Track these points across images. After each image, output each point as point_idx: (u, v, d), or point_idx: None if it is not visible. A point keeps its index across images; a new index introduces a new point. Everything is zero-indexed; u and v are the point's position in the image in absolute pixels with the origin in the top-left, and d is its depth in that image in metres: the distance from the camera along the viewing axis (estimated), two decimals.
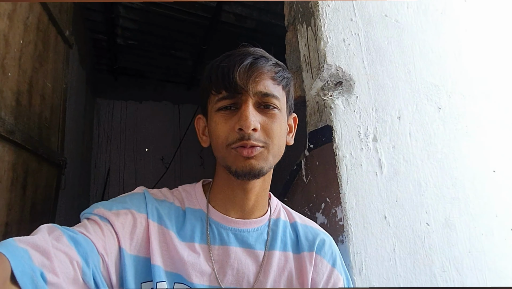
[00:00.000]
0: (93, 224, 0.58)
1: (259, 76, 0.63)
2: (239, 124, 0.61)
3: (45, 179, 1.52)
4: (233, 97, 0.63)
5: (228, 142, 0.63)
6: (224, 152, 0.64)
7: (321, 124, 1.01)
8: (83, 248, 0.51)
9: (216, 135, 0.64)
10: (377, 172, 0.98)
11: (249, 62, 0.63)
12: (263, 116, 0.64)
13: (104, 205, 0.63)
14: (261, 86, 0.63)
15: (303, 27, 1.12)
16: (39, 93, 1.48)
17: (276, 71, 0.66)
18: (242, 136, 0.61)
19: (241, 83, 0.62)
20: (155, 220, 0.64)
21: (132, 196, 0.68)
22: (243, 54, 0.65)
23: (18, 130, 1.21)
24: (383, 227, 0.94)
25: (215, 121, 0.65)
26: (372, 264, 0.88)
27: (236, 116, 0.63)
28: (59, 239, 0.50)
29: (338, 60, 1.02)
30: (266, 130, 0.63)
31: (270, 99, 0.64)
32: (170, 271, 0.63)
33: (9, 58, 1.21)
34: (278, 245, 0.70)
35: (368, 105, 1.03)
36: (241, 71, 0.62)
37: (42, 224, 0.53)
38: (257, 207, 0.70)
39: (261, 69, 0.64)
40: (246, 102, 0.62)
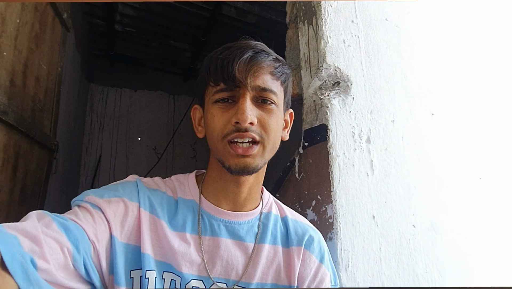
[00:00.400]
0: (84, 211, 0.58)
1: (258, 71, 0.63)
2: (236, 118, 0.61)
3: (36, 161, 1.50)
4: (231, 90, 0.63)
5: (223, 134, 0.63)
6: (220, 144, 0.64)
7: (317, 123, 1.02)
8: (74, 235, 0.52)
9: (212, 127, 0.65)
10: (368, 173, 1.00)
11: (249, 56, 0.63)
12: (260, 110, 0.64)
13: (95, 192, 0.63)
14: (259, 80, 0.63)
15: (305, 26, 1.13)
16: (34, 75, 1.46)
17: (275, 66, 0.66)
18: (238, 129, 0.62)
19: (239, 77, 0.62)
20: (147, 209, 0.65)
21: (124, 184, 0.68)
22: (243, 47, 0.65)
23: (11, 111, 1.20)
24: (371, 226, 0.96)
25: (212, 113, 0.65)
26: (358, 261, 0.90)
27: (233, 109, 0.63)
28: (49, 225, 0.50)
29: (337, 60, 1.03)
30: (262, 125, 0.64)
31: (268, 94, 0.64)
32: (159, 260, 0.64)
33: (5, 37, 1.20)
34: (268, 238, 0.71)
35: (363, 107, 1.05)
36: (241, 64, 0.62)
37: (31, 207, 0.53)
38: (249, 200, 0.71)
39: (261, 64, 0.64)
40: (243, 96, 0.63)
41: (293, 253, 0.72)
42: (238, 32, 0.70)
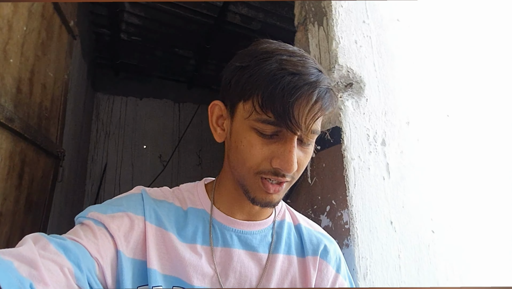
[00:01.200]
0: (85, 228, 0.56)
1: (317, 116, 0.56)
2: (280, 165, 0.55)
3: (42, 169, 1.49)
4: (281, 127, 0.55)
5: (258, 170, 0.58)
6: (249, 176, 0.59)
7: (330, 125, 0.99)
8: (74, 254, 0.49)
9: (245, 157, 0.58)
10: (385, 176, 0.97)
11: (316, 98, 0.54)
12: (300, 151, 0.58)
13: (98, 208, 0.60)
14: (315, 125, 0.56)
15: (315, 27, 1.11)
16: (40, 82, 1.45)
17: (333, 105, 0.58)
18: (276, 173, 0.57)
19: (299, 122, 0.54)
20: (153, 222, 0.62)
21: (129, 198, 0.65)
22: (311, 83, 0.55)
23: (17, 118, 1.18)
24: (389, 232, 0.92)
25: (249, 141, 0.58)
26: (377, 269, 0.86)
27: (275, 146, 0.56)
28: (46, 247, 0.48)
29: (349, 61, 1.01)
30: (298, 165, 0.58)
31: (313, 136, 0.58)
32: (168, 274, 0.61)
33: (12, 44, 1.19)
34: (282, 248, 0.68)
35: (377, 109, 1.02)
36: (305, 110, 0.54)
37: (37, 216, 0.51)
38: (263, 211, 0.69)
39: (324, 110, 0.56)
40: (291, 141, 0.55)
41: (308, 263, 0.68)
42: (242, 39, 0.66)
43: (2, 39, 1.11)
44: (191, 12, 2.88)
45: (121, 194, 0.68)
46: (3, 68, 1.11)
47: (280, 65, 0.56)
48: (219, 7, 2.81)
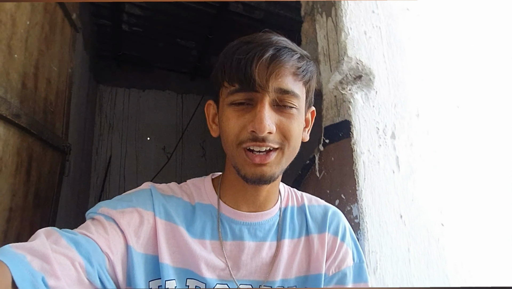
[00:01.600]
0: (96, 223, 0.57)
1: (280, 72, 0.57)
2: (253, 127, 0.57)
3: (49, 164, 1.49)
4: (248, 91, 0.58)
5: (239, 141, 0.59)
6: (235, 150, 0.60)
7: (339, 119, 0.98)
8: (85, 248, 0.50)
9: (227, 131, 0.60)
10: (394, 170, 0.96)
11: (270, 54, 0.56)
12: (279, 115, 0.59)
13: (109, 204, 0.61)
14: (280, 82, 0.57)
15: (323, 18, 1.08)
16: (45, 77, 1.44)
17: (299, 65, 0.59)
18: (255, 138, 0.57)
19: (259, 80, 0.56)
20: (162, 217, 0.63)
21: (138, 193, 0.66)
22: (264, 44, 0.58)
23: (23, 114, 1.18)
24: (399, 226, 0.92)
25: (227, 116, 0.60)
26: (386, 263, 0.86)
27: (250, 114, 0.58)
28: (58, 241, 0.49)
29: (358, 53, 0.99)
30: (282, 131, 0.59)
31: (289, 97, 0.59)
32: (180, 267, 0.62)
33: (16, 39, 1.17)
34: (287, 233, 0.69)
35: (387, 101, 1.00)
36: (260, 66, 0.56)
37: (45, 211, 0.52)
38: (268, 200, 0.69)
39: (283, 64, 0.57)
40: (262, 101, 0.57)
41: (313, 240, 0.70)
42: (245, 29, 0.65)
43: (6, 34, 1.09)
44: (193, 1, 2.83)
45: (130, 190, 0.68)
46: (8, 64, 1.10)
47: (238, 41, 0.61)
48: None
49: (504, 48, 1.34)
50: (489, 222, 1.08)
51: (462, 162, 1.10)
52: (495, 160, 1.17)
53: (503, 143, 1.20)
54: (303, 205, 0.74)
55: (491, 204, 1.11)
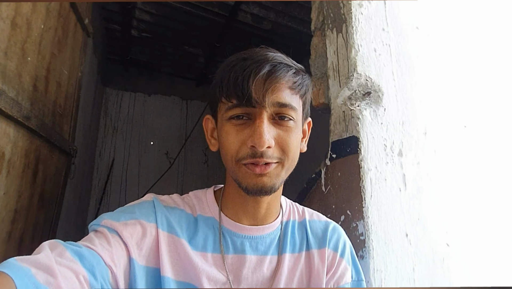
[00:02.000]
0: (99, 236, 0.57)
1: (277, 87, 0.59)
2: (252, 142, 0.57)
3: (55, 166, 1.50)
4: (246, 107, 0.59)
5: (238, 158, 0.60)
6: (234, 166, 0.61)
7: (346, 134, 0.98)
8: (89, 261, 0.50)
9: (226, 147, 0.61)
10: (401, 188, 0.96)
11: (266, 71, 0.58)
12: (278, 129, 0.60)
13: (111, 216, 0.61)
14: (277, 96, 0.59)
15: (333, 34, 1.09)
16: (56, 80, 1.45)
17: (295, 80, 0.61)
18: (254, 153, 0.58)
19: (256, 97, 0.57)
20: (165, 229, 0.63)
21: (141, 205, 0.66)
22: (260, 60, 0.59)
23: (33, 116, 1.19)
24: (404, 245, 0.91)
25: (226, 131, 0.61)
26: (391, 282, 0.86)
27: (248, 129, 0.59)
28: (62, 254, 0.49)
29: (368, 70, 1.00)
30: (281, 145, 0.60)
31: (286, 110, 0.60)
32: (182, 280, 0.62)
33: (30, 42, 1.19)
34: (288, 248, 0.70)
35: (395, 119, 1.01)
36: (257, 82, 0.57)
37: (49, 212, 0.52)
38: (269, 214, 0.69)
39: (280, 80, 0.59)
40: (260, 116, 0.58)
41: (313, 256, 0.70)
42: (253, 39, 0.67)
43: (21, 38, 1.11)
44: (202, 10, 2.87)
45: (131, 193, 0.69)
46: (21, 66, 1.11)
47: (235, 57, 0.62)
48: (230, 6, 2.80)
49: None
50: (495, 243, 1.08)
51: (469, 182, 1.09)
52: (502, 181, 1.16)
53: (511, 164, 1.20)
54: (304, 220, 0.74)
55: (497, 225, 1.11)
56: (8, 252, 1.09)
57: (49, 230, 1.47)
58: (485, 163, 1.14)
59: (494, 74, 1.28)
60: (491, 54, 1.30)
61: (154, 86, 4.17)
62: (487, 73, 1.27)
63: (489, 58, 1.29)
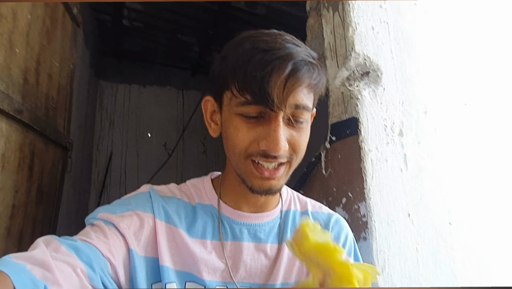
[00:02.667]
0: (96, 229, 0.56)
1: (297, 89, 0.54)
2: (266, 146, 0.54)
3: (51, 161, 1.48)
4: (261, 106, 0.54)
5: (247, 154, 0.57)
6: (241, 161, 0.58)
7: (346, 116, 0.96)
8: (85, 254, 0.49)
9: (235, 142, 0.58)
10: (402, 168, 0.94)
11: (289, 70, 0.52)
12: (291, 130, 0.57)
13: (107, 208, 0.60)
14: (295, 99, 0.54)
15: (329, 13, 1.06)
16: (47, 72, 1.42)
17: (313, 78, 0.56)
18: (266, 154, 0.55)
19: (277, 100, 0.52)
20: (162, 219, 0.62)
21: (137, 196, 0.65)
22: (282, 56, 0.53)
23: (25, 110, 1.16)
24: (407, 225, 0.91)
25: (235, 126, 0.57)
26: (395, 263, 0.85)
27: (261, 128, 0.55)
28: (58, 249, 0.48)
29: (366, 49, 0.97)
30: (292, 146, 0.57)
31: (302, 112, 0.56)
32: (180, 270, 0.61)
33: (17, 33, 1.16)
34: (288, 236, 0.68)
35: (395, 98, 0.99)
36: (279, 84, 0.52)
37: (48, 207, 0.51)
38: (268, 202, 0.68)
39: (301, 81, 0.54)
40: (276, 119, 0.54)
41: None
42: (247, 25, 0.62)
43: (8, 28, 1.08)
44: None
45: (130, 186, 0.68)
46: (9, 58, 1.08)
47: (252, 45, 0.55)
48: None
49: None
50: (497, 221, 1.07)
51: (470, 160, 1.08)
52: (503, 158, 1.15)
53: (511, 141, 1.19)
54: (306, 210, 0.73)
55: (499, 203, 1.10)
56: (7, 248, 1.08)
57: (49, 224, 1.46)
58: (486, 140, 1.13)
59: (494, 51, 1.25)
60: (491, 30, 1.28)
61: (149, 77, 4.11)
62: (487, 50, 1.24)
63: (489, 35, 1.26)
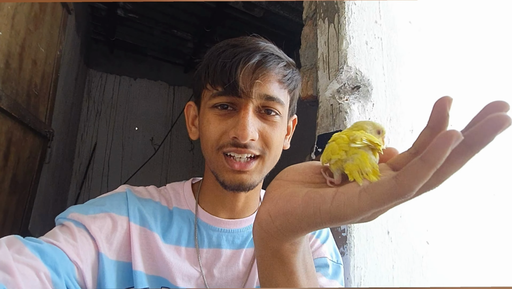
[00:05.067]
0: (65, 230, 0.53)
1: (265, 79, 0.56)
2: (235, 133, 0.55)
3: (29, 150, 1.42)
4: (231, 96, 0.56)
5: (218, 145, 0.57)
6: (214, 155, 0.58)
7: (333, 128, 0.96)
8: (50, 257, 0.46)
9: (207, 135, 0.58)
10: None
11: (256, 60, 0.55)
12: (262, 122, 0.58)
13: (79, 208, 0.57)
14: (265, 88, 0.56)
15: (325, 24, 1.06)
16: (31, 58, 1.37)
17: (285, 73, 0.59)
18: (236, 144, 0.56)
19: (243, 86, 0.54)
20: (137, 222, 0.59)
21: (112, 197, 0.62)
22: (250, 48, 0.57)
23: (4, 96, 1.12)
24: (385, 242, 0.91)
25: (208, 120, 0.58)
26: (370, 279, 0.85)
27: (232, 119, 0.57)
28: (21, 251, 0.45)
29: (358, 63, 0.97)
30: (264, 139, 0.58)
31: (273, 104, 0.57)
32: (154, 274, 0.59)
33: (2, 15, 1.11)
34: None
35: (383, 114, 0.99)
36: (246, 71, 0.54)
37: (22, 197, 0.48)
38: (247, 208, 0.67)
39: (269, 71, 0.56)
40: (245, 108, 0.56)
41: None
42: (243, 26, 0.63)
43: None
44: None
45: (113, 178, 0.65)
46: None
47: (224, 44, 0.59)
48: None
49: (505, 67, 1.35)
50: (474, 242, 1.09)
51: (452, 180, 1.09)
52: (484, 179, 1.17)
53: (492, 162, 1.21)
54: None
55: (477, 223, 1.12)
56: None
57: (22, 216, 1.41)
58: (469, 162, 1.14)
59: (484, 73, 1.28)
60: (483, 53, 1.30)
61: (141, 70, 4.05)
62: (477, 72, 1.26)
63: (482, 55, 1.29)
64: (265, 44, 0.59)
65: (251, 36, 0.61)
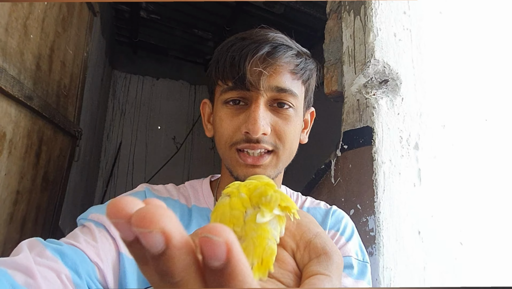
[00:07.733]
0: (85, 231, 0.53)
1: (276, 70, 0.54)
2: (246, 127, 0.54)
3: (59, 148, 1.48)
4: (241, 90, 0.55)
5: (232, 142, 0.57)
6: (227, 152, 0.58)
7: (360, 124, 0.93)
8: (71, 259, 0.47)
9: (220, 132, 0.58)
10: (415, 183, 0.91)
11: (265, 52, 0.54)
12: (275, 116, 0.56)
13: (99, 209, 0.57)
14: (276, 80, 0.55)
15: (350, 16, 1.02)
16: (60, 60, 1.42)
17: (297, 63, 0.57)
18: (248, 139, 0.55)
19: (252, 80, 0.53)
20: None
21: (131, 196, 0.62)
22: (259, 40, 0.55)
23: (36, 96, 1.16)
24: (416, 242, 0.87)
25: (220, 116, 0.58)
26: (400, 281, 0.82)
27: (244, 114, 0.56)
28: (42, 254, 0.45)
29: (386, 56, 0.93)
30: (277, 133, 0.56)
31: (285, 96, 0.56)
32: None
33: (32, 19, 1.15)
34: None
35: (413, 109, 0.95)
36: (254, 63, 0.53)
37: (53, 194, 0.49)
38: None
39: (279, 61, 0.54)
40: (256, 101, 0.54)
41: None
42: (264, 23, 0.61)
43: (23, 13, 1.07)
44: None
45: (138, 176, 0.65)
46: (23, 44, 1.08)
47: (233, 38, 0.58)
48: None
49: None
50: (511, 243, 1.02)
51: (486, 180, 1.03)
52: None
53: None
54: (303, 207, 0.70)
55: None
56: (9, 234, 1.08)
57: (53, 212, 1.46)
58: (506, 160, 1.08)
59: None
60: None
61: (163, 70, 4.12)
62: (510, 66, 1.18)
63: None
64: (274, 34, 0.58)
65: (260, 28, 0.60)
